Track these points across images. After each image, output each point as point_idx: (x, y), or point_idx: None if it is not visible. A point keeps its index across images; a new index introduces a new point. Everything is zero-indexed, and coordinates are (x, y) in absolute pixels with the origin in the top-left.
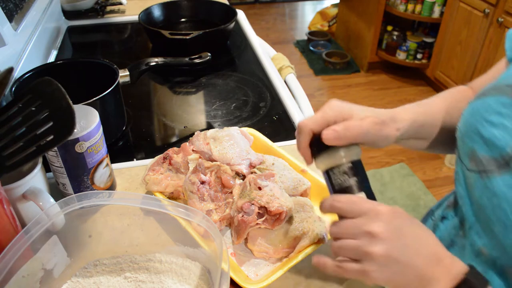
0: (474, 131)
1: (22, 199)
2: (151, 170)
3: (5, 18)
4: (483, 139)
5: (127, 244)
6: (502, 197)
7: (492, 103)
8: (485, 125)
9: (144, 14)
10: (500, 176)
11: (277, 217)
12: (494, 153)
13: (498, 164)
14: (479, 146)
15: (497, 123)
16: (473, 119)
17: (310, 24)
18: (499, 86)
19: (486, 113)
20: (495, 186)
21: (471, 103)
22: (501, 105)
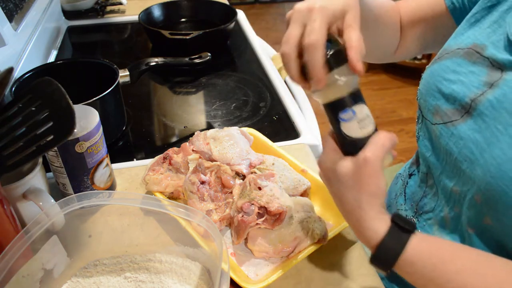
0: (435, 90)
1: (22, 199)
2: (151, 170)
3: (5, 18)
4: (445, 95)
5: (127, 244)
6: (467, 139)
7: (449, 64)
8: (445, 83)
9: (144, 14)
10: (464, 122)
11: (277, 217)
12: (456, 105)
13: (461, 113)
14: (442, 102)
15: (455, 79)
16: (433, 80)
17: None
18: (451, 50)
19: (444, 73)
20: (460, 131)
21: (429, 67)
22: (456, 65)
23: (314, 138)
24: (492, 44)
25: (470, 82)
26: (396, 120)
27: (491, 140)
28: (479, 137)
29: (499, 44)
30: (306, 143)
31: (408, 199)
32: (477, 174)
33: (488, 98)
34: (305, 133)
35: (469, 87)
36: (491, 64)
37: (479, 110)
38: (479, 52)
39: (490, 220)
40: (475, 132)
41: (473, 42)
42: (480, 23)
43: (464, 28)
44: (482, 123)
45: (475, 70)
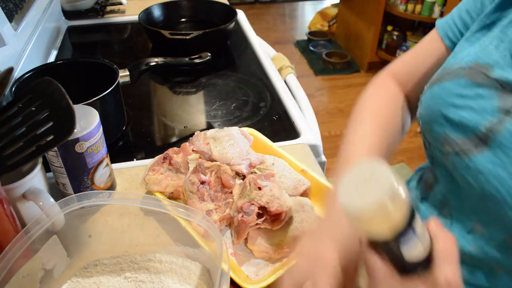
0: (440, 116)
1: (22, 199)
2: (151, 170)
3: (5, 18)
4: (453, 123)
5: (127, 244)
6: (488, 173)
7: (451, 87)
8: (451, 109)
9: (144, 14)
10: (480, 154)
11: (277, 217)
12: (469, 134)
13: (474, 143)
14: (450, 130)
15: (462, 105)
16: (436, 105)
17: (310, 24)
18: (452, 70)
19: (448, 98)
20: (477, 164)
21: (429, 89)
22: (460, 88)
23: (314, 138)
24: (496, 63)
25: (481, 107)
26: None
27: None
28: (503, 173)
29: (505, 62)
30: (306, 143)
31: None
32: (508, 216)
33: (508, 128)
34: (305, 133)
35: (481, 113)
36: (500, 86)
37: (498, 141)
38: (485, 73)
39: None
40: (497, 167)
41: (474, 60)
42: (480, 40)
43: (463, 46)
44: (505, 157)
45: (483, 93)
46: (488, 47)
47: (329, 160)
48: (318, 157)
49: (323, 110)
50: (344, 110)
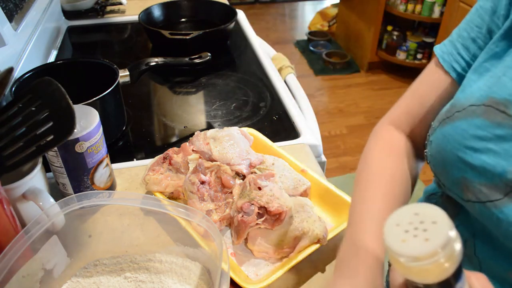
0: (457, 160)
1: (22, 199)
2: (151, 170)
3: (5, 18)
4: (474, 168)
5: (127, 244)
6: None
7: (466, 128)
8: (469, 152)
9: (144, 14)
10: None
11: (277, 217)
12: (496, 181)
13: (504, 191)
14: (472, 175)
15: (482, 148)
16: (450, 147)
17: (310, 24)
18: (463, 107)
19: (463, 140)
20: (509, 216)
21: (439, 129)
22: (476, 128)
23: (314, 138)
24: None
25: (505, 151)
26: None
27: None
28: None
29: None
30: (306, 143)
31: None
32: None
33: None
34: (305, 133)
35: (506, 158)
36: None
37: None
38: (504, 111)
39: None
40: None
41: (488, 96)
42: (490, 72)
43: (472, 79)
44: None
45: (504, 134)
46: (502, 79)
47: (329, 160)
48: (318, 157)
49: (323, 110)
50: (344, 110)
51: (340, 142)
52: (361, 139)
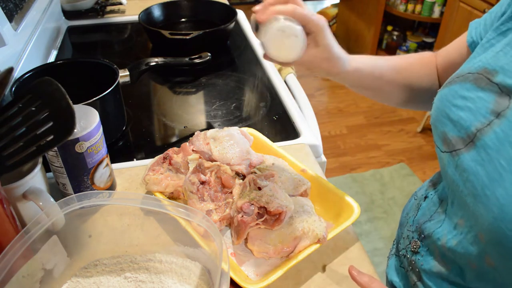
0: (443, 115)
1: (22, 199)
2: (151, 170)
3: (5, 18)
4: (452, 122)
5: (127, 244)
6: (470, 171)
7: (458, 89)
8: (453, 109)
9: (144, 14)
10: (467, 152)
11: (277, 217)
12: (461, 133)
13: (465, 142)
14: (449, 129)
15: (463, 106)
16: (442, 104)
17: None
18: (462, 74)
19: (452, 98)
20: (463, 162)
21: (440, 91)
22: (465, 90)
23: (314, 138)
24: (502, 69)
25: (478, 109)
26: (396, 120)
27: (494, 176)
28: (481, 170)
29: (509, 67)
30: (306, 143)
31: (416, 220)
32: (480, 212)
33: (494, 130)
34: (305, 133)
35: (476, 114)
36: (500, 90)
37: (483, 141)
38: (489, 78)
39: (492, 261)
40: (477, 165)
41: (483, 67)
42: (494, 47)
43: (478, 52)
44: (485, 155)
45: (483, 96)
46: (499, 54)
47: (329, 160)
48: (318, 157)
49: (323, 110)
50: (344, 110)
51: (340, 142)
52: (361, 139)
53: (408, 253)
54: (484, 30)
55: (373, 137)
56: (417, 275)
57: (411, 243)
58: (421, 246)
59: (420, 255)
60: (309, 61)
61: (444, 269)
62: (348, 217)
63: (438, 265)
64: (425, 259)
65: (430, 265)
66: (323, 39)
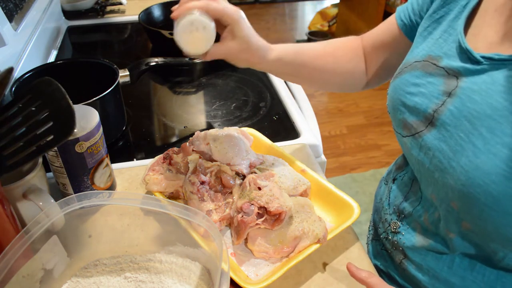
0: (400, 104)
1: (22, 199)
2: (151, 170)
3: (5, 18)
4: (409, 108)
5: (127, 244)
6: (434, 148)
7: (408, 78)
8: (408, 96)
9: (144, 14)
10: (429, 132)
11: (277, 217)
12: (420, 117)
13: (425, 125)
14: (407, 115)
15: (416, 92)
16: (396, 94)
17: (310, 24)
18: (410, 63)
19: (405, 87)
20: (427, 142)
21: (392, 82)
22: (415, 78)
23: (314, 138)
24: (445, 54)
25: (430, 92)
26: None
27: (456, 148)
28: (444, 146)
29: (452, 53)
30: (306, 143)
31: (391, 203)
32: (449, 183)
33: (449, 108)
34: (305, 133)
35: (429, 98)
36: (446, 73)
37: (441, 120)
38: (435, 64)
39: (468, 225)
40: (440, 142)
41: (427, 54)
42: (432, 35)
43: (419, 42)
44: (446, 132)
45: (433, 80)
46: (439, 41)
47: (329, 160)
48: (318, 157)
49: (323, 110)
50: (344, 110)
51: (340, 142)
52: (361, 139)
53: (389, 234)
54: (414, 14)
55: (373, 137)
56: (402, 253)
57: (391, 225)
58: (401, 225)
59: (401, 234)
60: (228, 53)
61: (427, 242)
62: (348, 217)
63: (421, 240)
64: (406, 237)
65: (413, 242)
66: (239, 31)
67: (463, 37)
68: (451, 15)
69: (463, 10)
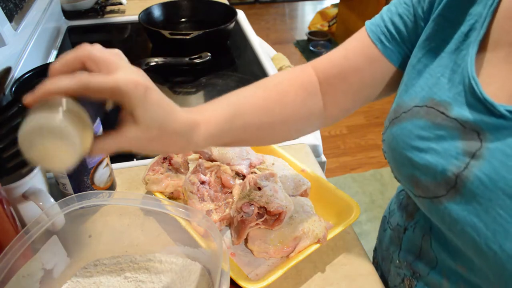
0: (405, 158)
1: (22, 199)
2: (151, 170)
3: (5, 18)
4: (419, 166)
5: (127, 244)
6: (464, 222)
7: (411, 128)
8: (415, 152)
9: (144, 14)
10: (453, 200)
11: (277, 217)
12: (437, 179)
13: (446, 188)
14: (419, 173)
15: (425, 148)
16: (398, 147)
17: (310, 24)
18: (409, 108)
19: (409, 140)
20: (452, 211)
21: (389, 129)
22: (420, 129)
23: (314, 138)
24: (454, 100)
25: (445, 150)
26: None
27: (496, 228)
28: (478, 222)
29: (461, 99)
30: (306, 143)
31: (401, 258)
32: (491, 267)
33: (476, 174)
34: None
35: (446, 157)
36: (462, 126)
37: (468, 188)
38: (443, 113)
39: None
40: (471, 216)
41: (429, 97)
42: (429, 69)
43: (413, 77)
44: (477, 205)
45: (445, 134)
46: (441, 80)
47: (329, 160)
48: (318, 157)
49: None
50: None
51: (340, 142)
52: (361, 139)
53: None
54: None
55: (373, 137)
56: None
57: (405, 281)
58: (417, 283)
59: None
60: (130, 145)
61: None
62: (348, 217)
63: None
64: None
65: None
66: (142, 113)
67: (477, 83)
68: (450, 45)
69: (465, 40)
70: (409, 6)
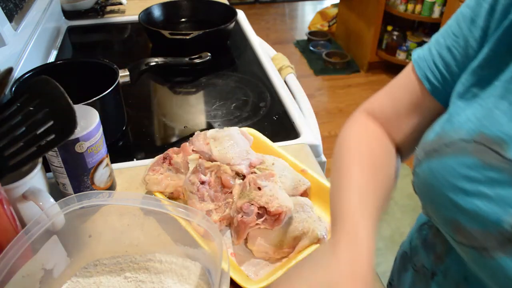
0: (447, 200)
1: (22, 199)
2: (151, 170)
3: (5, 18)
4: (464, 212)
5: (127, 244)
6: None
7: (455, 166)
8: (460, 195)
9: (144, 14)
10: (507, 256)
11: (277, 217)
12: (488, 228)
13: (499, 242)
14: (464, 219)
15: (474, 191)
16: (438, 184)
17: (310, 24)
18: (453, 141)
19: (453, 179)
20: (505, 268)
21: (427, 163)
22: (467, 168)
23: (314, 138)
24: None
25: (500, 197)
26: None
27: None
28: None
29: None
30: (306, 143)
31: None
32: None
33: None
34: (305, 133)
35: (501, 205)
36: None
37: None
38: (498, 152)
39: None
40: None
41: (479, 131)
42: (479, 98)
43: (459, 106)
44: None
45: (498, 177)
46: (495, 113)
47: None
48: (318, 157)
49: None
50: (344, 110)
51: None
52: None
53: None
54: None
55: None
56: None
57: None
58: None
59: None
60: None
61: None
62: None
63: None
64: None
65: None
66: None
67: None
68: (507, 73)
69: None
70: (459, 38)
